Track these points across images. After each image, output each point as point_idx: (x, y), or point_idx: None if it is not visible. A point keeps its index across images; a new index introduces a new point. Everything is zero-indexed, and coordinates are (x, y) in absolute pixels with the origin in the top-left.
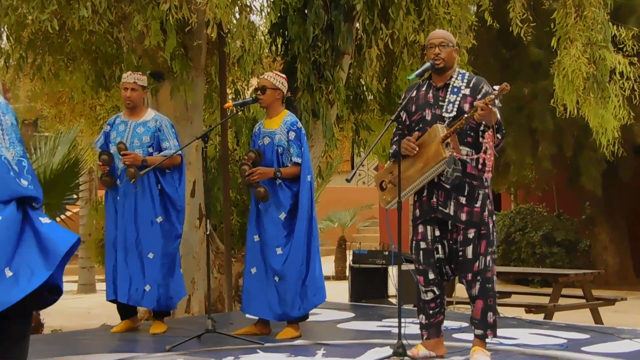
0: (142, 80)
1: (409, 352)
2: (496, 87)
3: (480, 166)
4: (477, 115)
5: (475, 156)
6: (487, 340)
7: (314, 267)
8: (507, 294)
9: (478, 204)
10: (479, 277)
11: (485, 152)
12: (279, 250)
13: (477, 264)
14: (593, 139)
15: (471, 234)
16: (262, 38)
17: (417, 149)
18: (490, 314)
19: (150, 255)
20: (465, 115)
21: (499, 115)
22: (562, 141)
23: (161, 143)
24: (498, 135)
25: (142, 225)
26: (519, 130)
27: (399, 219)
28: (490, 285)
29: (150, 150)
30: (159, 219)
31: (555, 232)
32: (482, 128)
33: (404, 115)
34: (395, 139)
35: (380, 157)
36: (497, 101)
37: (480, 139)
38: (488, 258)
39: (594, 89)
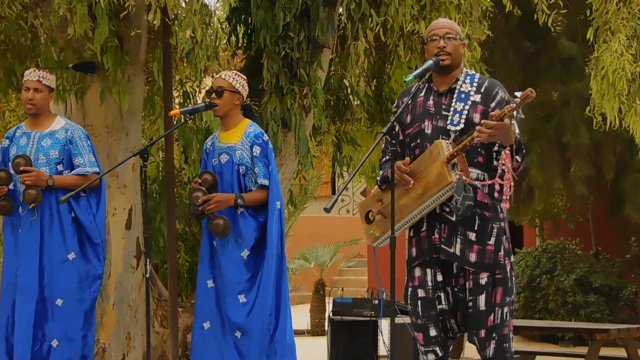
0: (49, 79)
1: None
2: (518, 94)
3: (495, 193)
4: (484, 135)
5: (488, 181)
6: None
7: (284, 319)
8: (531, 355)
9: (492, 241)
10: (494, 335)
11: (501, 177)
12: (242, 298)
13: (491, 317)
14: (639, 158)
15: (483, 279)
16: (219, 26)
17: (411, 181)
18: None
19: (59, 302)
20: (478, 129)
21: (517, 131)
22: (601, 160)
23: (73, 159)
24: (517, 158)
25: (49, 263)
26: (546, 146)
27: (392, 258)
28: (507, 345)
29: (60, 167)
30: (72, 256)
31: (592, 276)
32: (495, 148)
33: (397, 128)
34: (385, 159)
35: (368, 179)
36: (518, 112)
37: (495, 161)
38: (505, 310)
39: None
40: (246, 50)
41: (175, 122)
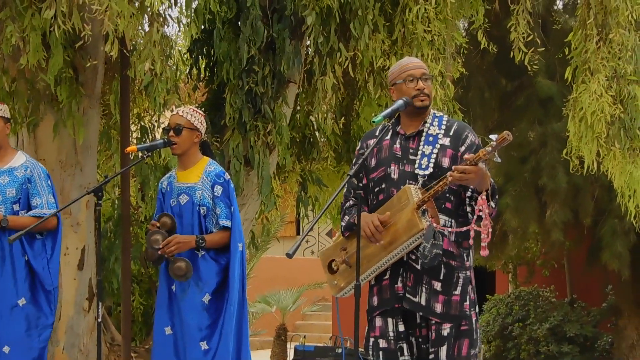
0: (1, 109)
1: None
2: (493, 137)
3: (470, 240)
4: (457, 179)
5: (463, 228)
6: None
7: None
8: None
9: (457, 291)
10: None
11: (477, 223)
12: (204, 345)
13: None
14: (618, 204)
15: (446, 330)
16: (180, 58)
17: (382, 240)
18: None
19: (6, 349)
20: (450, 174)
21: (489, 175)
22: (578, 205)
23: (31, 199)
24: (491, 203)
25: None
26: (521, 189)
27: (357, 307)
28: None
29: (16, 207)
30: (22, 302)
31: (567, 325)
32: (469, 193)
33: (361, 172)
34: (349, 204)
35: (334, 220)
36: (494, 156)
37: (467, 207)
38: None
39: (621, 137)
40: (208, 84)
41: (132, 159)
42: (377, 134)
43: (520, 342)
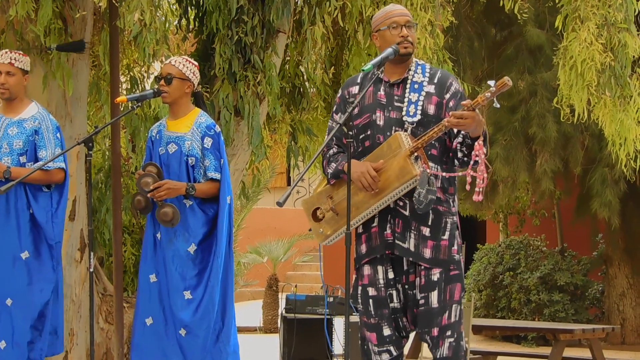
0: (22, 61)
1: None
2: (492, 83)
3: (467, 186)
4: (458, 124)
5: (459, 172)
6: None
7: (230, 319)
8: (492, 355)
9: (446, 236)
10: (450, 333)
11: (474, 169)
12: (187, 295)
13: (446, 314)
14: (609, 152)
15: (436, 275)
16: (169, 8)
17: (377, 189)
18: None
19: (9, 302)
20: (447, 120)
21: (484, 122)
22: (568, 154)
23: (37, 151)
24: (485, 149)
25: (0, 260)
26: (511, 138)
27: (348, 255)
28: (462, 344)
29: (23, 159)
30: (25, 255)
31: (558, 274)
32: (460, 139)
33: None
34: (334, 151)
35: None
36: (494, 101)
37: (459, 152)
38: (460, 307)
39: (611, 85)
40: (197, 34)
41: (122, 109)
42: (358, 81)
43: (511, 290)
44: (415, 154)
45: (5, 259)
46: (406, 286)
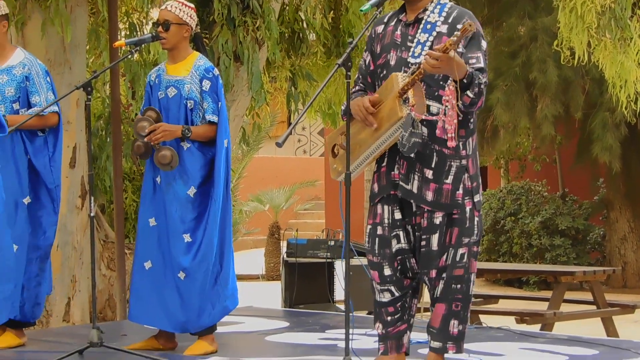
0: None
1: None
2: (459, 26)
3: (437, 130)
4: (428, 67)
5: (434, 117)
6: (450, 355)
7: (228, 261)
8: (494, 299)
9: (449, 180)
10: (444, 275)
11: (445, 114)
12: (187, 238)
13: (444, 257)
14: (609, 97)
15: (438, 218)
16: None
17: (375, 124)
18: (454, 322)
19: (15, 248)
20: (422, 62)
21: (464, 65)
22: (569, 98)
23: (30, 97)
24: (468, 93)
25: (2, 207)
26: (512, 83)
27: (347, 197)
28: (460, 286)
29: (16, 106)
30: (26, 200)
31: (559, 218)
32: (448, 81)
33: (367, 59)
34: (355, 89)
35: (325, 117)
36: (461, 46)
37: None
38: (462, 251)
39: (611, 27)
40: None
41: (120, 54)
42: (385, 20)
43: (513, 235)
44: (405, 95)
45: (8, 205)
46: (415, 227)
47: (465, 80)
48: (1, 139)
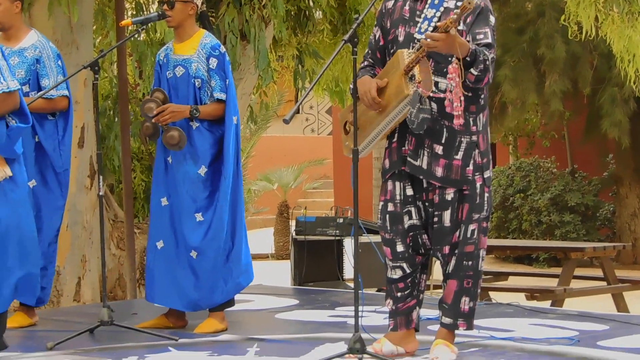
0: None
1: (369, 348)
2: (459, 3)
3: (447, 108)
4: (434, 45)
5: (441, 94)
6: (460, 332)
7: (240, 238)
8: (504, 275)
9: (459, 156)
10: (456, 251)
11: (451, 91)
12: (199, 217)
13: (456, 233)
14: (617, 72)
15: (450, 194)
16: None
17: (380, 108)
18: (465, 299)
19: None
20: (422, 40)
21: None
22: (577, 74)
23: (40, 80)
24: (472, 71)
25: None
26: (519, 59)
27: (355, 173)
28: (471, 263)
29: (26, 89)
30: (32, 183)
31: (568, 195)
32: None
33: (377, 34)
34: (363, 64)
35: (332, 95)
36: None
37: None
38: (472, 227)
39: (619, 2)
40: None
41: (127, 34)
42: None
43: (522, 212)
44: (412, 72)
45: None
46: (426, 203)
47: (468, 58)
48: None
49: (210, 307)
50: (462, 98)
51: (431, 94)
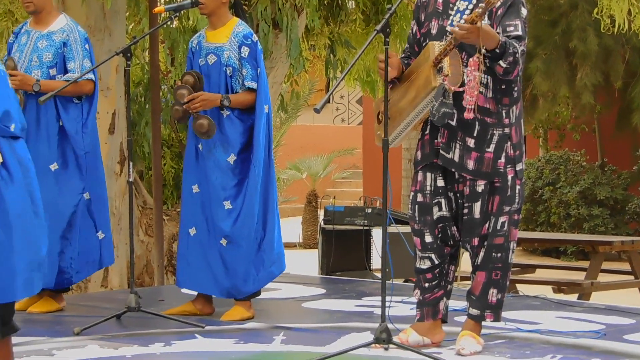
0: None
1: (395, 339)
2: None
3: (463, 102)
4: (462, 37)
5: (460, 88)
6: (486, 324)
7: (272, 227)
8: (531, 268)
9: (491, 148)
10: (485, 243)
11: (467, 85)
12: (227, 205)
13: (486, 225)
14: None
15: (480, 186)
16: None
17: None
18: (493, 290)
19: None
20: (451, 30)
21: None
22: (609, 67)
23: (66, 63)
24: (501, 63)
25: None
26: (551, 52)
27: (385, 162)
28: (500, 255)
29: (53, 72)
30: (54, 166)
31: (597, 188)
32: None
33: (414, 27)
34: (401, 56)
35: (364, 85)
36: (486, 18)
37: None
38: (502, 219)
39: None
40: None
41: (160, 21)
42: None
43: (551, 205)
44: (440, 64)
45: (38, 171)
46: (457, 195)
47: (497, 50)
48: (32, 105)
49: (242, 296)
50: (477, 92)
51: (453, 89)
